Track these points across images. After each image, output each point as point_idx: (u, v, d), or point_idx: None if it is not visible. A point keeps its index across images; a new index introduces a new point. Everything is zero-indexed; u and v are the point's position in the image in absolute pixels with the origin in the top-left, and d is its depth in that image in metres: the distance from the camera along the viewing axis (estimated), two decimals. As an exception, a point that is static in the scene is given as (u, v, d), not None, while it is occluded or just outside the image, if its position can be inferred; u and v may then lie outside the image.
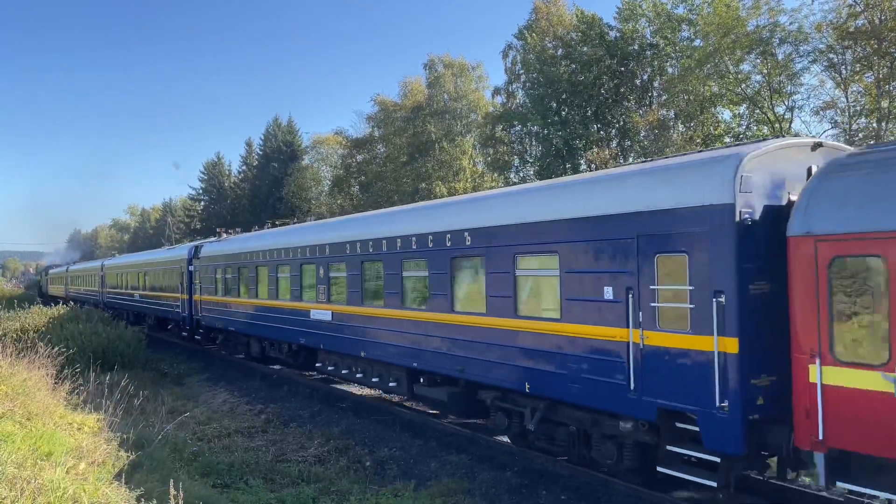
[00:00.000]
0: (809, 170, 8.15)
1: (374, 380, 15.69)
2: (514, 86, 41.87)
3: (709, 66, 29.22)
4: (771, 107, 28.77)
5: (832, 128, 27.67)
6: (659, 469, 8.94)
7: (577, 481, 10.22)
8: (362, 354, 15.26)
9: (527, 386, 10.56)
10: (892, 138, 24.38)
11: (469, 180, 44.10)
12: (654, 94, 34.91)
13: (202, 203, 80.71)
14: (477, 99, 45.65)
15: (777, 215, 7.90)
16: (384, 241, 14.45)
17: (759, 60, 28.43)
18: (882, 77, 24.88)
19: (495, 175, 43.06)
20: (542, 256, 10.43)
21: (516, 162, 41.59)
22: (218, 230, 41.67)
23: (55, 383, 13.81)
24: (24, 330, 21.67)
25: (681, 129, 32.12)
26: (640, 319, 8.74)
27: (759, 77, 28.99)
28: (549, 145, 36.11)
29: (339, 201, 53.39)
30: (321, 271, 17.05)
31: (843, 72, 26.20)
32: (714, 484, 8.28)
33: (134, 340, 22.62)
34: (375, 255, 14.67)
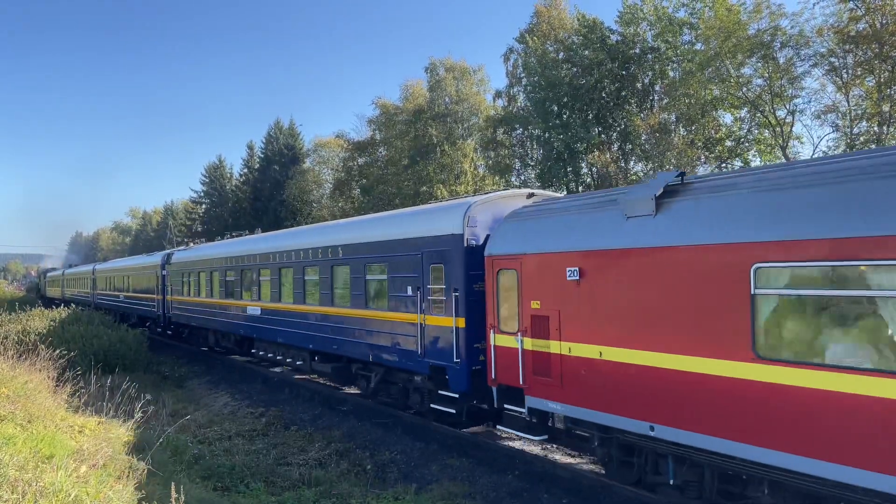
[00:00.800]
0: (627, 204, 10.69)
1: (288, 360, 19.87)
2: (515, 89, 41.90)
3: (710, 69, 29.23)
4: (772, 110, 28.78)
5: (833, 131, 27.69)
6: (431, 406, 13.40)
7: (578, 485, 10.22)
8: (279, 340, 19.66)
9: (370, 357, 14.95)
10: (895, 143, 24.38)
11: (470, 183, 44.10)
12: (656, 97, 34.92)
13: (203, 206, 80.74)
14: (478, 102, 45.65)
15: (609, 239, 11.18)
16: (293, 253, 18.73)
17: (760, 64, 28.44)
18: (883, 81, 24.89)
19: (497, 178, 43.05)
20: (380, 265, 14.66)
21: (517, 165, 41.59)
22: (186, 240, 44.43)
23: (56, 386, 13.83)
24: (26, 332, 21.70)
25: (682, 132, 32.12)
26: (423, 308, 13.00)
27: (760, 81, 29.00)
28: (550, 149, 36.11)
29: (340, 204, 53.39)
30: (254, 276, 21.28)
31: (845, 75, 26.19)
32: (453, 411, 12.73)
33: (135, 343, 22.65)
34: (288, 263, 18.94)
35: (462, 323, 12.08)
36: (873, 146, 24.45)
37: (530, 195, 12.98)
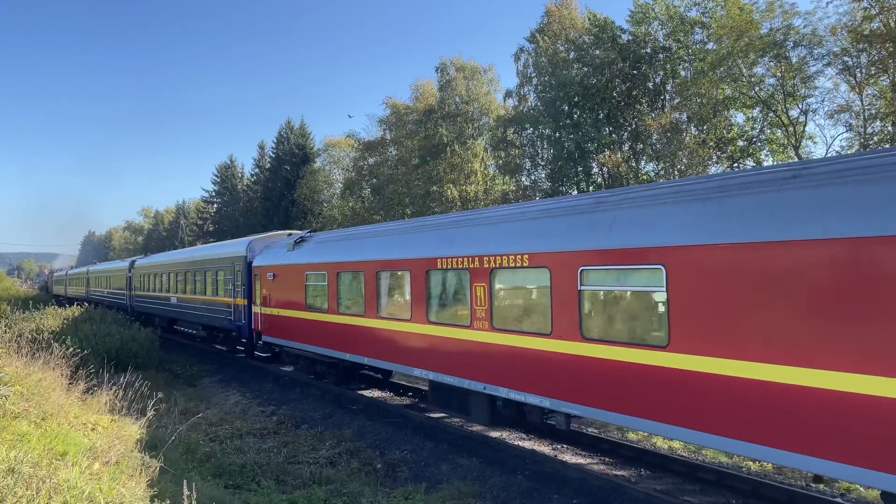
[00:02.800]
0: (287, 244, 20.05)
1: (192, 331, 31.25)
2: (525, 89, 41.79)
3: (722, 69, 29.06)
4: (785, 110, 28.59)
5: (847, 131, 27.46)
6: (237, 348, 26.06)
7: (588, 485, 10.19)
8: (184, 318, 30.84)
9: (218, 324, 25.51)
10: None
11: (481, 183, 44.04)
12: (667, 97, 34.75)
13: (215, 205, 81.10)
14: (489, 102, 45.57)
15: (269, 261, 20.75)
16: (189, 263, 29.84)
17: (772, 63, 28.25)
18: (898, 80, 24.65)
19: (506, 178, 42.98)
20: (222, 271, 25.06)
21: (528, 165, 41.50)
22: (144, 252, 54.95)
23: (69, 383, 13.93)
24: (40, 330, 21.87)
25: (693, 132, 31.96)
26: (234, 295, 23.31)
27: (772, 80, 28.81)
28: (560, 148, 36.01)
29: (350, 204, 53.45)
30: (175, 277, 31.75)
31: (858, 75, 25.98)
32: (242, 349, 25.31)
33: (147, 342, 22.77)
34: (188, 269, 29.71)
35: (245, 302, 22.66)
36: (886, 145, 24.28)
37: (289, 234, 22.76)
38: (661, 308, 8.26)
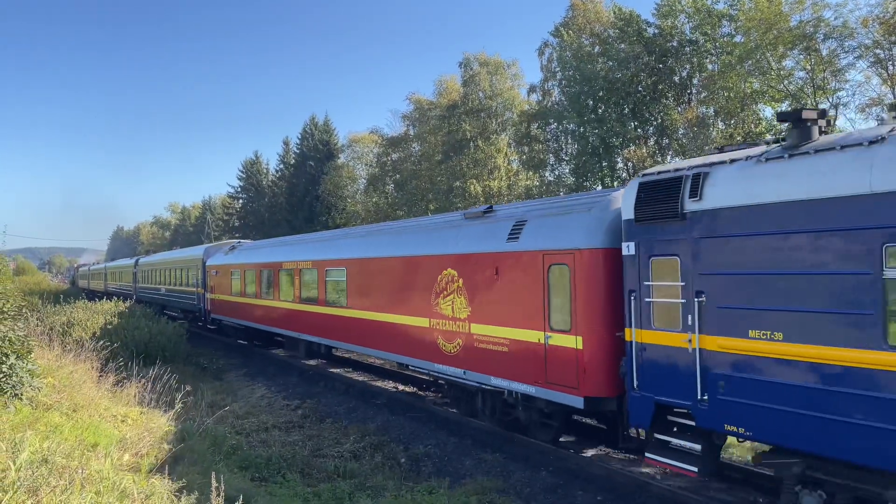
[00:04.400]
0: (225, 250, 30.47)
1: (173, 314, 35.95)
2: (549, 83, 41.46)
3: (750, 62, 28.63)
4: (814, 103, 28.06)
5: (879, 125, 26.91)
6: (198, 324, 33.92)
7: (613, 482, 10.15)
8: (171, 304, 38.23)
9: (189, 307, 34.47)
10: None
11: (504, 178, 43.91)
12: (694, 91, 34.32)
13: (240, 201, 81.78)
14: (512, 97, 45.33)
15: (215, 261, 30.84)
16: (172, 261, 39.20)
17: (802, 56, 27.78)
18: (932, 72, 24.10)
19: (530, 173, 42.78)
20: (190, 269, 34.60)
21: (552, 160, 41.28)
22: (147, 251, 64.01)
23: (100, 376, 14.19)
24: (70, 324, 22.27)
25: (720, 126, 31.55)
26: (197, 285, 33.01)
27: (802, 73, 28.32)
28: (585, 143, 35.76)
29: (374, 199, 53.60)
30: (164, 272, 40.50)
31: (891, 68, 25.45)
32: (201, 324, 33.76)
33: (175, 335, 23.06)
34: (172, 266, 38.11)
35: (203, 291, 30.58)
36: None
37: (230, 242, 31.58)
38: (345, 289, 17.46)
